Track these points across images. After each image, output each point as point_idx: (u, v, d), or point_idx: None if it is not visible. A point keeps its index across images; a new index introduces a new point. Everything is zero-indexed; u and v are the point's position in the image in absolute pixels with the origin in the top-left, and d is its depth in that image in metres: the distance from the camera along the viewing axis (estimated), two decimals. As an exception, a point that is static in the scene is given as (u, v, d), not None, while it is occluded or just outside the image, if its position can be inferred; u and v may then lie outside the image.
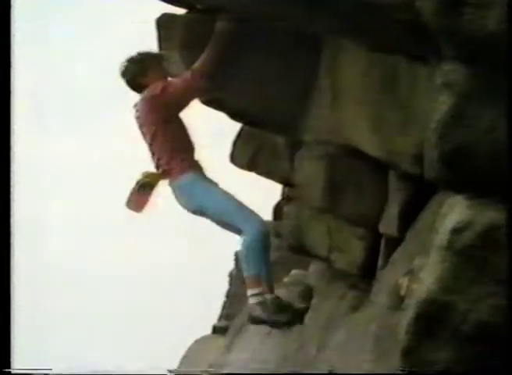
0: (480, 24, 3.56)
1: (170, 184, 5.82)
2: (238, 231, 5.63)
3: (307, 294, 7.06)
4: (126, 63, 5.97)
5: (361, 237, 5.72)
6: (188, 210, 5.82)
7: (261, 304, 5.48)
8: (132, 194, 5.77)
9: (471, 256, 3.92)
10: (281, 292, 7.55)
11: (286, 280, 8.38)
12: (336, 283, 6.29)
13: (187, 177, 5.72)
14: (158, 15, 6.25)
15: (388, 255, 5.30)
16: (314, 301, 6.76)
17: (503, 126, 3.89)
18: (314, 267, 7.22)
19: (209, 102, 6.43)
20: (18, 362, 4.85)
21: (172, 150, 5.75)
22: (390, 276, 4.83)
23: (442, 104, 3.94)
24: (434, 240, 4.12)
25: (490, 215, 3.94)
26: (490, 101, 3.85)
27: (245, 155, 7.12)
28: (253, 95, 6.05)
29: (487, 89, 3.84)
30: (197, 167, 5.86)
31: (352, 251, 5.79)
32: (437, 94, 3.99)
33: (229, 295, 14.24)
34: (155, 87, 5.75)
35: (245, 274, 5.61)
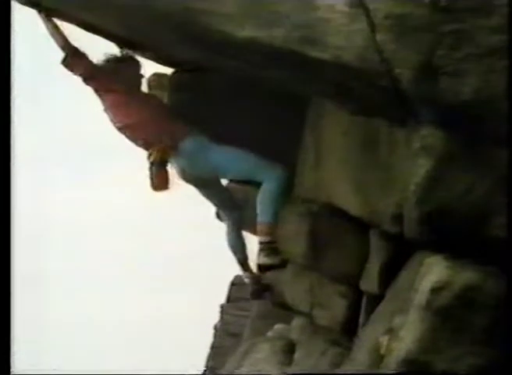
0: (455, 92, 3.65)
1: (174, 155, 5.61)
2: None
3: (290, 348, 7.01)
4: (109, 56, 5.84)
5: (343, 294, 5.70)
6: (199, 175, 5.68)
7: (270, 252, 5.40)
8: (152, 176, 5.61)
9: (449, 316, 3.94)
10: (264, 346, 7.51)
11: (269, 334, 8.31)
12: (317, 339, 6.25)
13: (193, 141, 5.54)
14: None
15: (369, 313, 5.29)
16: (296, 356, 6.71)
17: (479, 189, 3.95)
18: (297, 322, 7.17)
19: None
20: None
21: (164, 119, 5.62)
22: (371, 333, 4.82)
23: (421, 167, 4.01)
24: (413, 299, 4.14)
25: (468, 275, 3.98)
26: (466, 165, 3.92)
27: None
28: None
29: (463, 153, 3.91)
30: (195, 129, 5.67)
31: (334, 307, 5.77)
32: (415, 157, 4.06)
33: (214, 348, 14.12)
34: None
35: (260, 219, 5.44)
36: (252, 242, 6.30)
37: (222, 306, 14.42)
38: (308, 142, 5.78)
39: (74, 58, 5.38)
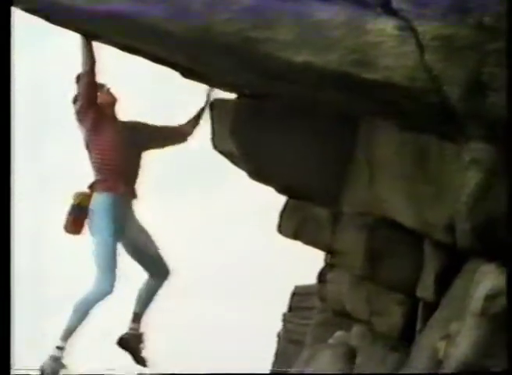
0: (501, 107, 3.59)
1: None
2: None
3: (351, 355, 6.95)
4: None
5: (400, 302, 5.64)
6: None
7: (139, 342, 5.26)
8: (68, 217, 5.25)
9: (503, 322, 3.86)
10: (326, 353, 7.46)
11: (330, 341, 8.25)
12: (377, 345, 6.19)
13: (102, 199, 5.09)
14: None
15: (425, 319, 5.21)
16: (357, 362, 6.65)
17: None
18: (357, 329, 7.11)
19: (258, 178, 6.51)
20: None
21: (98, 164, 5.15)
22: (428, 339, 4.75)
23: (471, 179, 3.96)
24: (468, 306, 4.07)
25: (521, 282, 3.90)
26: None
27: (291, 226, 7.12)
28: (297, 171, 6.10)
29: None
30: (120, 192, 5.12)
31: (391, 315, 5.71)
32: (466, 169, 4.01)
33: (278, 353, 14.07)
34: None
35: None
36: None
37: (284, 315, 14.37)
38: (361, 159, 5.74)
39: (88, 84, 5.07)
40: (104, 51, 5.16)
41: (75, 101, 5.23)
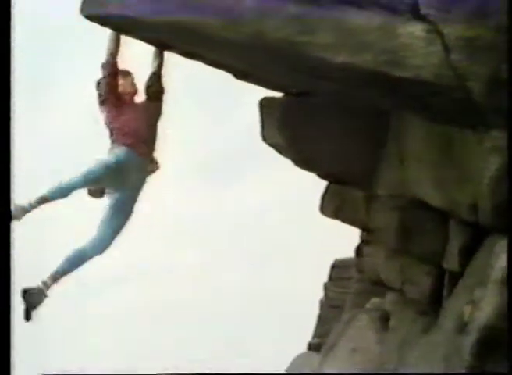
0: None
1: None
2: None
3: (385, 318, 6.90)
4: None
5: (429, 272, 5.58)
6: None
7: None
8: None
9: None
10: (364, 316, 7.43)
11: (367, 306, 8.21)
12: (408, 309, 6.14)
13: (119, 150, 4.72)
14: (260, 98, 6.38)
15: (451, 287, 5.15)
16: (390, 324, 6.60)
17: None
18: (390, 296, 7.06)
19: (303, 166, 6.51)
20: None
21: (119, 135, 4.80)
22: (454, 304, 4.69)
23: (492, 163, 3.88)
24: (490, 275, 4.01)
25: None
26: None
27: (331, 207, 7.11)
28: (337, 160, 6.09)
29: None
30: (140, 151, 4.78)
31: (421, 283, 5.65)
32: (487, 155, 3.93)
33: (320, 317, 14.05)
34: None
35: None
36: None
37: (325, 284, 14.33)
38: (392, 148, 5.69)
39: (109, 75, 4.79)
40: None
41: (98, 85, 4.97)
